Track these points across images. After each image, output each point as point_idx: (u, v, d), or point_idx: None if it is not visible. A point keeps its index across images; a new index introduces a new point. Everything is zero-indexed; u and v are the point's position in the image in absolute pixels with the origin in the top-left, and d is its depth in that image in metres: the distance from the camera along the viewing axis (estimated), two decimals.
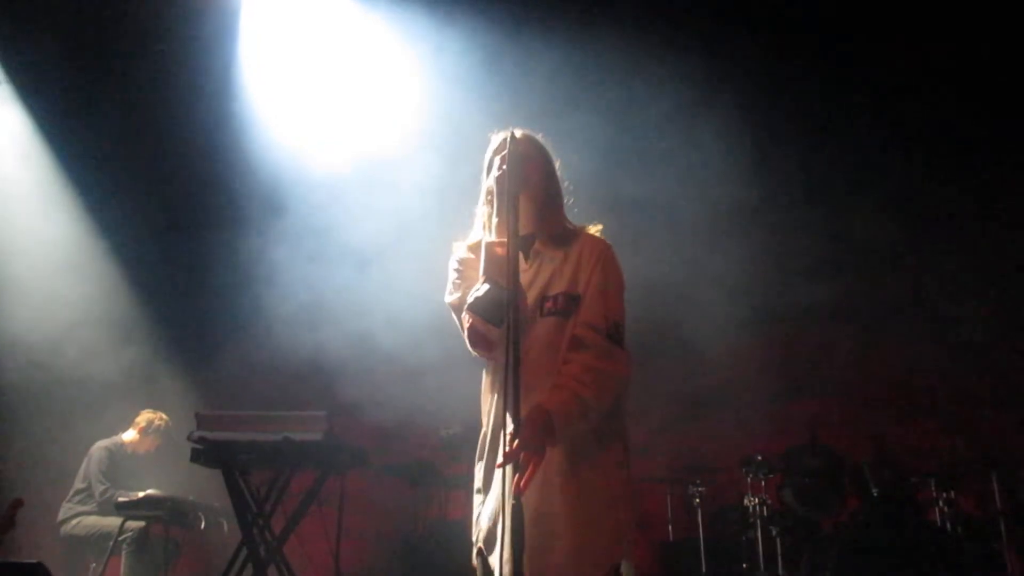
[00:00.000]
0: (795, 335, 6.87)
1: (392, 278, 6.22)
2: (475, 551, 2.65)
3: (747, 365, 6.91)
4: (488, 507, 2.61)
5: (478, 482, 2.70)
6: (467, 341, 2.65)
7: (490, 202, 2.75)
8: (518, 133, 2.68)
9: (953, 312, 6.66)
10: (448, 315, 2.81)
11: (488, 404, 2.71)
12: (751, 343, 7.01)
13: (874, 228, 6.82)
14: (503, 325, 2.44)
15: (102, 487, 6.17)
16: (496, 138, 2.80)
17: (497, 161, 2.69)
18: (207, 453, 4.38)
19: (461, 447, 6.31)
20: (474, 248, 2.77)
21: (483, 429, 2.71)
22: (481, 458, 2.70)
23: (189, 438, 4.36)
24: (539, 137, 2.86)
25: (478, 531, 2.64)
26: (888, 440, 6.36)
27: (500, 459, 2.38)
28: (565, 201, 2.86)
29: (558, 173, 2.86)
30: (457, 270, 2.78)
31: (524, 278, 2.64)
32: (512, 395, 2.27)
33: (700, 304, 6.73)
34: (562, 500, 2.49)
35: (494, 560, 2.54)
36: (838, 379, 6.75)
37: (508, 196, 2.50)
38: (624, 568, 2.55)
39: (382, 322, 6.32)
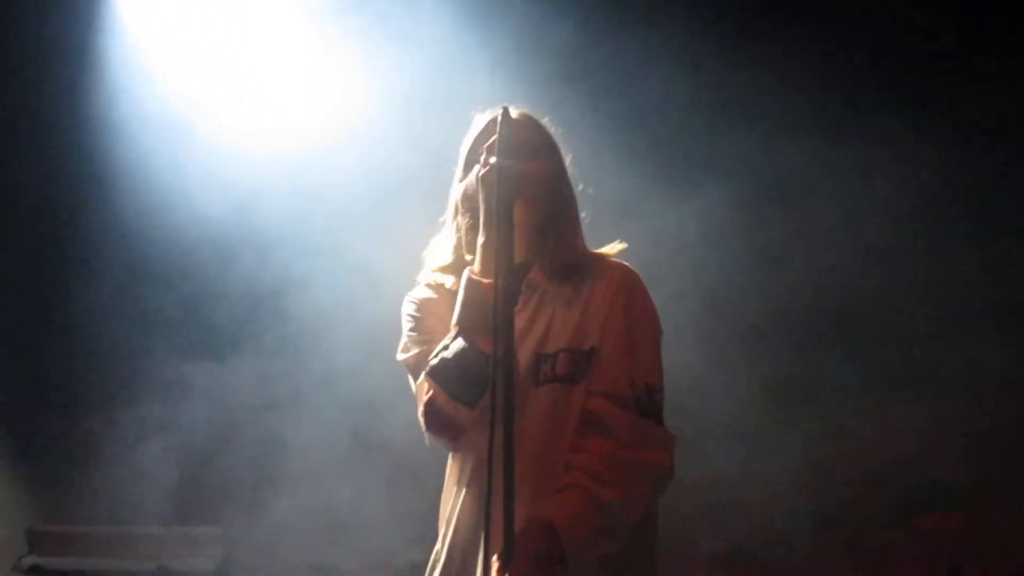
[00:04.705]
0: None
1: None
2: None
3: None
4: None
5: None
6: (422, 420, 1.86)
7: (470, 211, 1.96)
8: (514, 112, 1.91)
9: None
10: (404, 377, 2.01)
11: (449, 507, 1.94)
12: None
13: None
14: (478, 406, 1.74)
15: None
16: (482, 119, 2.03)
17: (484, 153, 1.90)
18: None
19: None
20: (436, 286, 2.02)
21: (437, 545, 1.95)
22: None
23: (15, 568, 3.70)
24: (544, 120, 2.09)
25: None
26: None
27: None
28: (580, 214, 2.08)
29: (570, 172, 2.08)
30: (413, 316, 2.00)
31: (515, 325, 1.85)
32: (504, 502, 1.54)
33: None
34: None
35: None
36: None
37: (499, 203, 1.75)
38: None
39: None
